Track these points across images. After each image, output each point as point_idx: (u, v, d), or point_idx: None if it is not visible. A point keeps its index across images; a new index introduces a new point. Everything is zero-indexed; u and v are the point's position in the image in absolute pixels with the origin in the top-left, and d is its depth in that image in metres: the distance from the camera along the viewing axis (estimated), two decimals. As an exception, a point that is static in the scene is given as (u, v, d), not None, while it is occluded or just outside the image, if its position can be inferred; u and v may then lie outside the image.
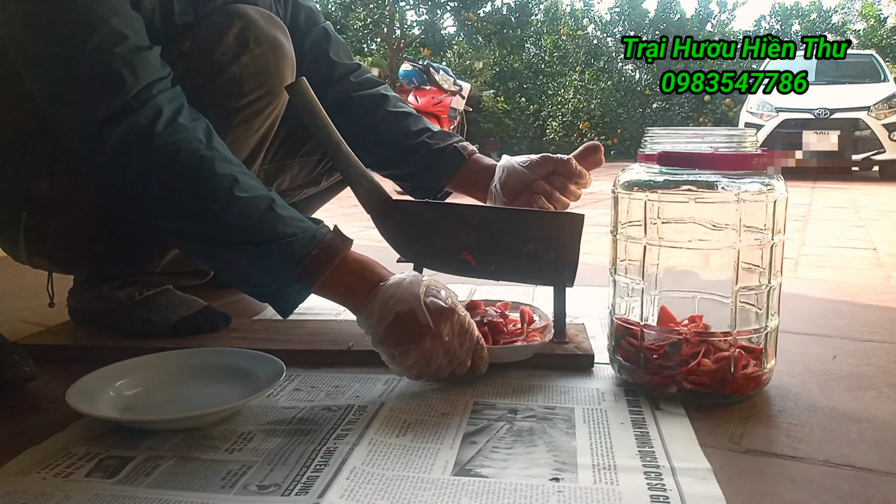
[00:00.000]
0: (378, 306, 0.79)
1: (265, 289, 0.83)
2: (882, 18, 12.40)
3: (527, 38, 13.51)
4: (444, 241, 0.98)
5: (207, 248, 0.82)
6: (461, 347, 0.80)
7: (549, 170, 1.04)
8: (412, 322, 0.77)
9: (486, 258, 0.96)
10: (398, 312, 0.78)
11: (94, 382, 0.79)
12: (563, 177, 1.04)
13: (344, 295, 0.82)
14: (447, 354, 0.79)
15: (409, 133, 1.15)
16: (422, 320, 0.77)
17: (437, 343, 0.78)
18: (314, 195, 1.39)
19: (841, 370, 0.92)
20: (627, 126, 11.63)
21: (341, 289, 0.81)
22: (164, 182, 0.79)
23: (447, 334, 0.79)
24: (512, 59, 13.02)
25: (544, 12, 13.37)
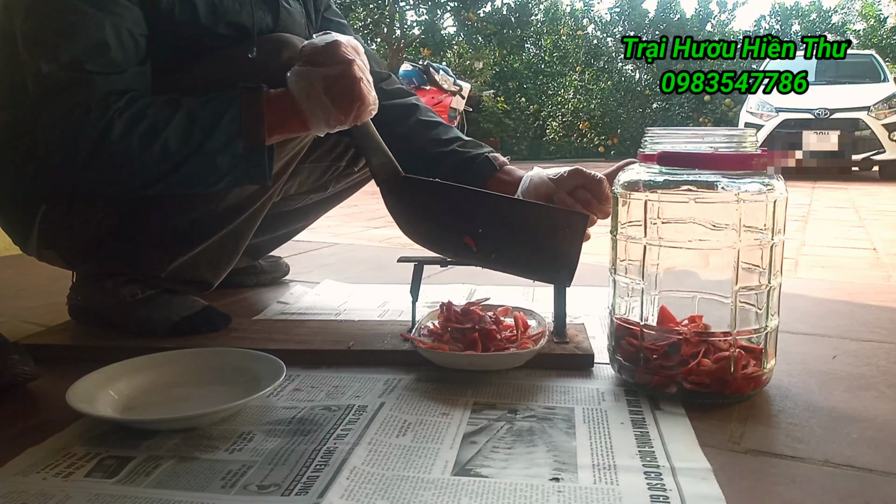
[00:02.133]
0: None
1: (235, 174, 0.88)
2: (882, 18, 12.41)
3: (527, 38, 13.51)
4: (449, 223, 0.97)
5: (167, 186, 0.88)
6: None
7: (578, 183, 1.01)
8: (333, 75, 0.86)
9: (487, 245, 0.95)
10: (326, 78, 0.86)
11: (94, 382, 0.79)
12: (590, 193, 1.01)
13: (287, 129, 0.90)
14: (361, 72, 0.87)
15: (440, 141, 1.15)
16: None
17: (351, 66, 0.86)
18: (320, 201, 1.40)
19: (841, 370, 0.92)
20: (627, 126, 11.63)
21: (284, 127, 0.89)
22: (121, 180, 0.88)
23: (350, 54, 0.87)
24: (512, 59, 13.02)
25: (544, 12, 13.38)
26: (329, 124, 0.88)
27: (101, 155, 0.84)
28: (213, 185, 0.90)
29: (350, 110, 0.88)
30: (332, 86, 0.86)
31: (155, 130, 0.84)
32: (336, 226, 3.00)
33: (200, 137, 0.85)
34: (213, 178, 0.88)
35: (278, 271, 1.50)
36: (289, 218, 1.39)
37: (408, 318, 1.03)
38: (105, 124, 0.82)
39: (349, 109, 0.87)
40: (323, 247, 2.03)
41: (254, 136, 0.86)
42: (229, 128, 0.85)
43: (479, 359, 0.88)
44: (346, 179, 1.37)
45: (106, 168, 0.85)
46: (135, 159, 0.85)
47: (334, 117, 0.87)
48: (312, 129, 0.89)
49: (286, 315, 1.21)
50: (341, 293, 1.37)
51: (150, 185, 0.88)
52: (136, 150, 0.84)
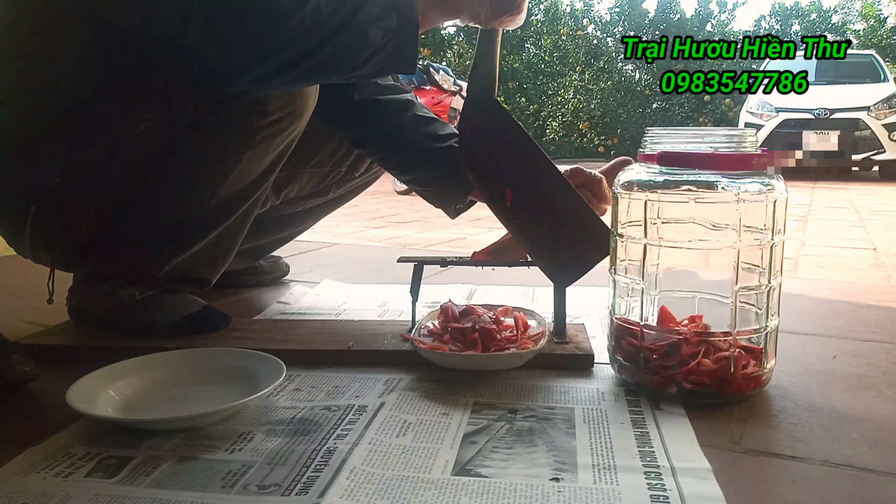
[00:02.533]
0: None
1: (384, 53, 0.85)
2: (882, 18, 12.41)
3: (527, 38, 13.51)
4: (502, 166, 0.95)
5: (316, 65, 0.85)
6: None
7: (578, 183, 1.01)
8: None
9: (520, 208, 0.93)
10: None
11: (94, 382, 0.79)
12: (590, 192, 1.02)
13: (441, 10, 0.90)
14: None
15: (436, 136, 1.15)
16: None
17: None
18: (320, 206, 1.40)
19: (841, 370, 0.92)
20: (627, 126, 11.63)
21: (438, 7, 0.90)
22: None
23: None
24: (512, 59, 13.02)
25: (544, 12, 13.38)
26: (478, 18, 0.89)
27: (249, 17, 0.80)
28: (361, 64, 0.86)
29: (504, 12, 0.88)
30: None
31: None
32: (336, 226, 3.00)
33: (354, 4, 0.82)
34: (363, 54, 0.84)
35: (278, 271, 1.50)
36: (289, 221, 1.39)
37: (408, 318, 1.03)
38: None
39: (503, 11, 0.88)
40: (323, 247, 2.03)
41: (407, 11, 0.84)
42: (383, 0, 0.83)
43: (479, 359, 0.88)
44: (347, 184, 1.37)
45: (252, 35, 0.81)
46: (285, 23, 0.80)
47: (486, 13, 0.87)
48: (463, 15, 0.89)
49: (286, 315, 1.21)
50: (341, 293, 1.37)
51: (299, 59, 0.83)
52: (287, 12, 0.80)
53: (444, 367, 0.89)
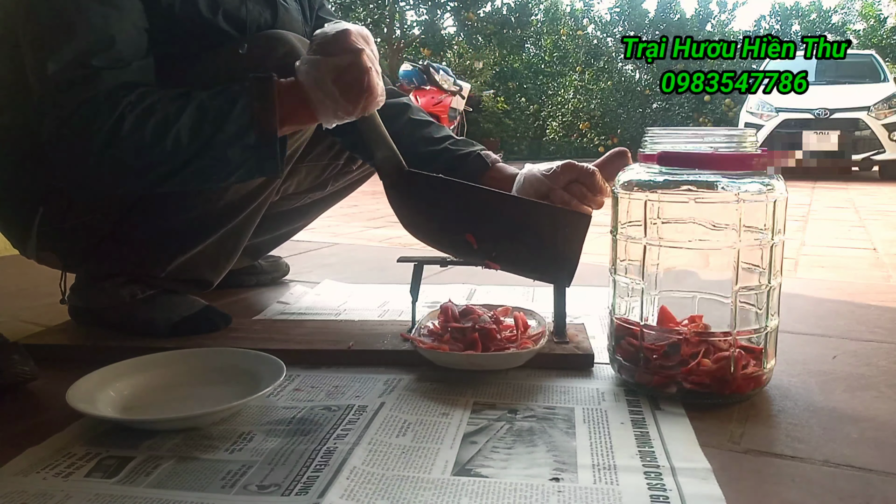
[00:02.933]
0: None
1: (247, 166, 0.87)
2: (882, 18, 12.40)
3: (527, 38, 13.51)
4: (451, 219, 0.97)
5: (181, 182, 0.87)
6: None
7: (572, 178, 1.00)
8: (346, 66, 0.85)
9: (488, 243, 0.95)
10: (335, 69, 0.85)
11: (94, 382, 0.79)
12: (584, 186, 1.01)
13: (297, 119, 0.89)
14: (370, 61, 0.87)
15: (431, 140, 1.15)
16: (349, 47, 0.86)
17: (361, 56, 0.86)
18: (318, 200, 1.40)
19: (841, 370, 0.92)
20: (627, 126, 11.63)
21: (294, 118, 0.88)
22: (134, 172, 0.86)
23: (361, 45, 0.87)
24: (512, 59, 13.02)
25: (544, 12, 13.37)
26: (337, 115, 0.88)
27: (112, 150, 0.82)
28: (225, 178, 0.88)
29: (359, 101, 0.87)
30: (342, 76, 0.85)
31: (167, 123, 0.83)
32: (336, 226, 3.00)
33: (212, 129, 0.84)
34: (226, 171, 0.87)
35: (278, 271, 1.50)
36: (288, 217, 1.39)
37: (408, 318, 1.03)
38: (116, 118, 0.81)
39: (357, 100, 0.87)
40: (323, 247, 2.03)
41: (265, 127, 0.85)
42: (240, 119, 0.84)
43: (479, 359, 0.88)
44: (345, 178, 1.37)
45: (117, 165, 0.84)
46: (147, 154, 0.83)
47: (343, 108, 0.87)
48: (321, 120, 0.89)
49: (286, 315, 1.21)
50: (341, 293, 1.37)
51: (161, 181, 0.86)
52: (148, 145, 0.82)
53: (444, 367, 0.89)
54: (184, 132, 0.83)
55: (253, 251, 1.39)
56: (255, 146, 0.85)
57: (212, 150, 0.84)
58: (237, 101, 0.84)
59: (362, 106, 0.88)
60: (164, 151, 0.83)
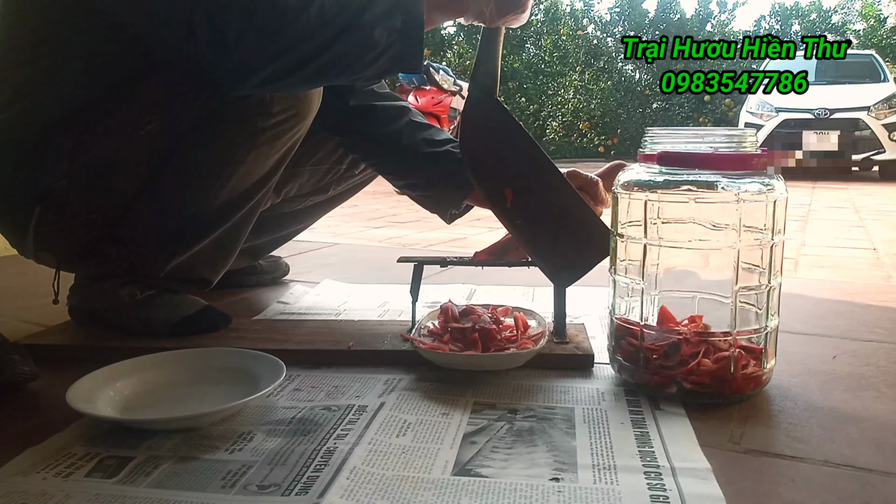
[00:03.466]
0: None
1: (390, 52, 0.85)
2: (882, 18, 12.41)
3: (527, 38, 13.51)
4: (503, 166, 0.95)
5: (321, 67, 0.85)
6: None
7: (575, 185, 1.00)
8: None
9: (520, 208, 0.93)
10: None
11: (94, 382, 0.79)
12: (587, 195, 1.01)
13: (445, 9, 0.89)
14: None
15: (432, 142, 1.15)
16: None
17: None
18: (320, 203, 1.40)
19: (841, 370, 0.92)
20: (627, 126, 11.63)
21: (443, 7, 0.89)
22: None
23: None
24: (512, 59, 13.02)
25: (544, 12, 13.37)
26: (482, 17, 0.88)
27: (253, 18, 0.80)
28: (368, 64, 0.86)
29: (509, 10, 0.87)
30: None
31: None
32: (336, 226, 3.00)
33: (359, 4, 0.82)
34: (370, 55, 0.84)
35: (278, 271, 1.50)
36: (289, 219, 1.39)
37: (408, 318, 1.03)
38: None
39: (508, 9, 0.87)
40: (323, 247, 2.03)
41: (413, 10, 0.83)
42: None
43: (479, 359, 0.88)
44: (347, 182, 1.37)
45: (259, 36, 0.81)
46: (291, 23, 0.80)
47: (490, 11, 0.87)
48: (468, 13, 0.89)
49: (286, 315, 1.21)
50: (341, 293, 1.37)
51: (305, 60, 0.83)
52: (293, 12, 0.80)
53: (444, 367, 0.89)
54: (329, 3, 0.81)
55: (253, 252, 1.39)
56: (401, 30, 0.83)
57: (358, 27, 0.82)
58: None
59: (511, 16, 0.88)
60: (308, 21, 0.81)
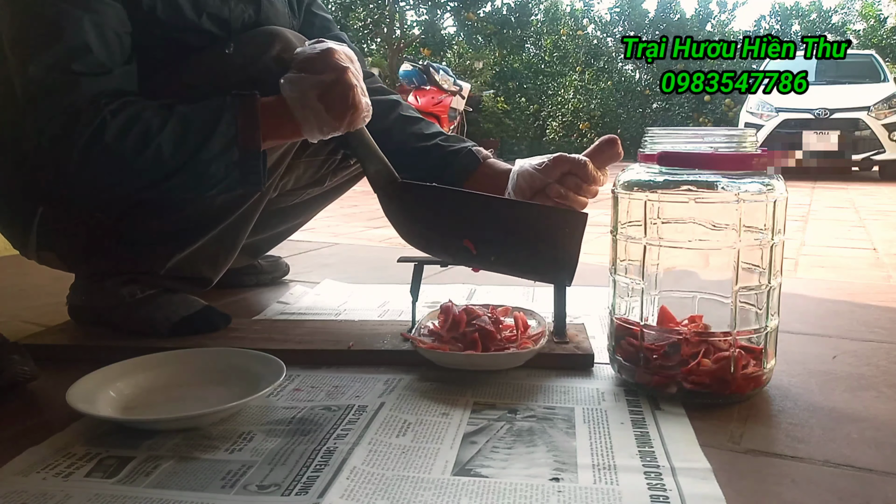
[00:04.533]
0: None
1: (229, 181, 0.88)
2: (882, 18, 12.40)
3: (527, 38, 13.51)
4: (447, 227, 0.97)
5: (161, 192, 0.88)
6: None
7: (564, 170, 1.00)
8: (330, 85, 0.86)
9: (486, 248, 0.95)
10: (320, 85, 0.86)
11: (94, 382, 0.79)
12: (577, 177, 1.01)
13: (281, 135, 0.90)
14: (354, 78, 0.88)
15: (421, 136, 1.15)
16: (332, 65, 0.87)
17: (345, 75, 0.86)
18: (318, 195, 1.39)
19: (841, 370, 0.92)
20: (627, 126, 11.63)
21: (278, 133, 0.90)
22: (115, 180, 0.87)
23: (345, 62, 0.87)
24: (512, 59, 13.02)
25: (544, 12, 13.38)
26: (322, 131, 0.89)
27: (93, 157, 0.83)
28: (207, 191, 0.89)
29: (344, 117, 0.88)
30: (326, 93, 0.86)
31: (148, 135, 0.83)
32: (336, 226, 3.00)
33: (195, 144, 0.84)
34: (207, 185, 0.88)
35: (278, 271, 1.50)
36: (287, 214, 1.39)
37: (408, 318, 1.03)
38: (97, 125, 0.82)
39: (343, 116, 0.88)
40: (323, 247, 2.03)
41: (249, 144, 0.86)
42: (225, 135, 0.85)
43: (479, 359, 0.88)
44: (343, 172, 1.37)
45: (98, 171, 0.85)
46: (128, 163, 0.84)
47: (328, 124, 0.88)
48: (306, 135, 0.89)
49: (286, 315, 1.21)
50: (341, 293, 1.37)
51: (142, 190, 0.88)
52: (130, 154, 0.83)
53: (444, 366, 0.89)
54: (166, 145, 0.84)
55: (252, 249, 1.39)
56: (239, 162, 0.86)
57: (195, 164, 0.85)
58: (221, 116, 0.85)
59: (348, 121, 0.88)
60: (145, 162, 0.84)
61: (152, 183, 0.86)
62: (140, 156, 0.83)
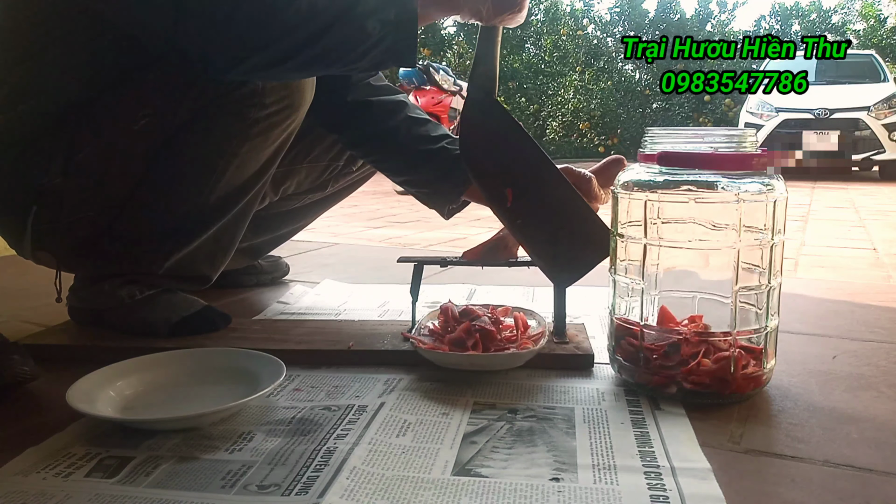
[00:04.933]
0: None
1: (383, 45, 0.84)
2: (882, 18, 12.41)
3: (527, 38, 13.51)
4: (503, 166, 0.95)
5: (312, 57, 0.84)
6: None
7: None
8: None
9: (521, 208, 0.93)
10: None
11: (94, 382, 0.79)
12: (581, 192, 1.01)
13: (440, 5, 0.88)
14: None
15: (428, 138, 1.14)
16: None
17: None
18: (318, 201, 1.40)
19: (841, 370, 0.92)
20: (627, 126, 11.63)
21: (438, 2, 0.88)
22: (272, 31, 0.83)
23: None
24: (512, 59, 13.02)
25: (544, 12, 13.37)
26: (478, 14, 0.87)
27: (242, 7, 0.80)
28: (359, 57, 0.85)
29: (505, 9, 0.87)
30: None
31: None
32: (336, 226, 3.00)
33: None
34: (361, 47, 0.84)
35: (278, 271, 1.50)
36: (288, 218, 1.39)
37: (408, 318, 1.03)
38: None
39: (505, 8, 0.87)
40: (323, 247, 2.03)
41: (407, 4, 0.83)
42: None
43: (479, 359, 0.88)
44: (345, 178, 1.37)
45: (247, 26, 0.81)
46: (280, 12, 0.80)
47: (487, 10, 0.86)
48: (462, 11, 0.88)
49: (286, 315, 1.21)
50: (341, 293, 1.37)
51: (294, 50, 0.83)
52: (282, 1, 0.80)
53: (444, 367, 0.89)
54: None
55: (253, 251, 1.39)
56: (395, 21, 0.83)
57: (350, 18, 0.81)
58: None
59: (508, 15, 0.87)
60: (298, 12, 0.80)
61: (305, 41, 0.82)
62: (294, 2, 0.80)
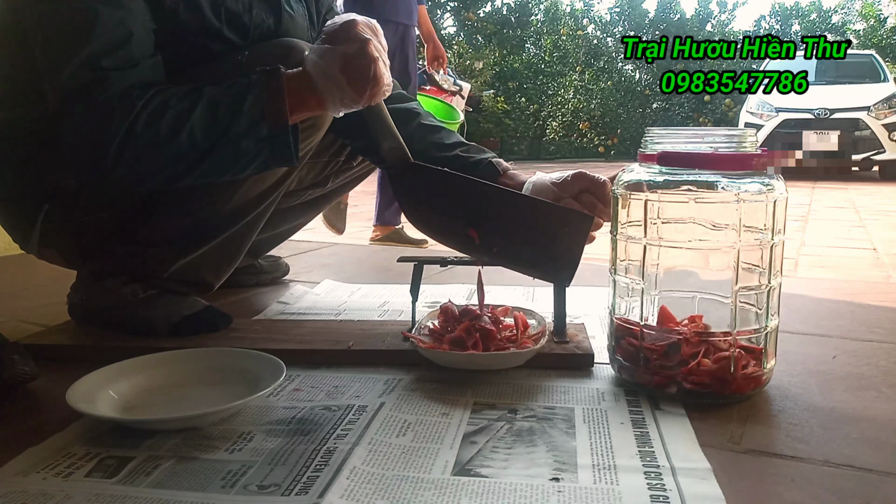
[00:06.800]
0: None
1: (262, 157, 0.88)
2: (882, 18, 12.41)
3: (527, 38, 13.52)
4: (454, 213, 0.97)
5: (198, 176, 0.89)
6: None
7: (582, 188, 1.01)
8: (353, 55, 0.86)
9: (490, 239, 0.95)
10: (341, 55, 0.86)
11: (94, 382, 0.79)
12: (594, 196, 1.02)
13: (306, 108, 0.89)
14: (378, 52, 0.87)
15: (442, 146, 1.15)
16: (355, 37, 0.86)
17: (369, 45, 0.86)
18: (319, 196, 1.40)
19: (841, 370, 0.92)
20: (627, 126, 11.64)
21: (303, 106, 0.89)
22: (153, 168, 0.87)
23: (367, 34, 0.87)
24: (512, 59, 13.03)
25: (544, 12, 13.38)
26: (344, 103, 0.88)
27: (128, 149, 0.83)
28: (242, 170, 0.89)
29: (364, 90, 0.87)
30: (349, 64, 0.85)
31: (180, 119, 0.84)
32: (336, 226, 2.99)
33: (225, 123, 0.85)
34: (242, 163, 0.88)
35: (278, 271, 1.50)
36: (288, 214, 1.39)
37: (408, 318, 1.03)
38: (131, 118, 0.83)
39: (363, 89, 0.87)
40: (323, 247, 2.03)
41: (277, 118, 0.86)
42: (252, 111, 0.85)
43: (479, 358, 0.88)
44: (346, 174, 1.37)
45: (135, 162, 0.85)
46: (162, 150, 0.84)
47: (349, 96, 0.87)
48: (328, 108, 0.89)
49: (286, 315, 1.21)
50: (341, 293, 1.37)
51: (179, 176, 0.87)
52: (164, 141, 0.84)
53: (444, 366, 0.89)
54: (197, 127, 0.84)
55: (253, 249, 1.38)
56: (269, 137, 0.86)
57: (227, 143, 0.85)
58: (247, 94, 0.85)
59: (369, 94, 0.88)
60: (179, 147, 0.84)
61: (188, 168, 0.86)
62: (173, 141, 0.84)
